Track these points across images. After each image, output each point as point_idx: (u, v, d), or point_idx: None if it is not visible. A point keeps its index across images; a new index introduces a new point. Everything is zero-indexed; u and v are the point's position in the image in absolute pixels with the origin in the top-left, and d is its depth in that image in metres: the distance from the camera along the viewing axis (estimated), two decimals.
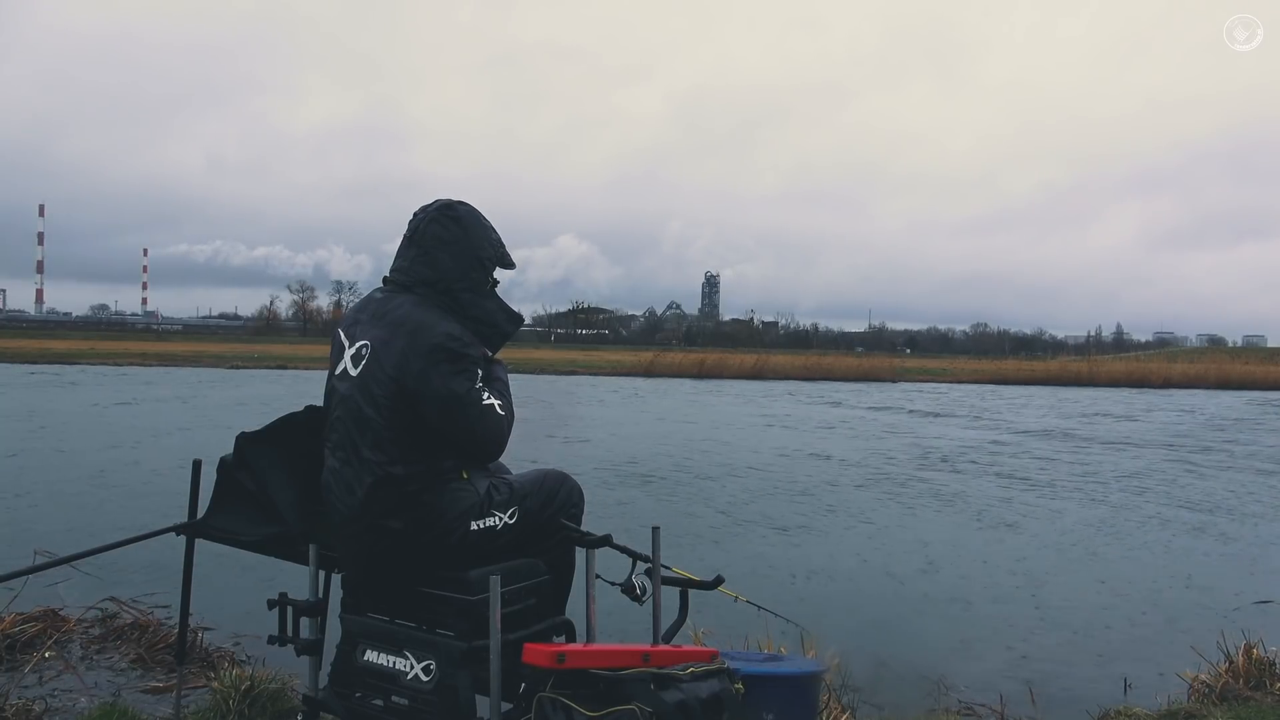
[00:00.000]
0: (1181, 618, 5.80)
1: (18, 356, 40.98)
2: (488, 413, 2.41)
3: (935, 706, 4.15)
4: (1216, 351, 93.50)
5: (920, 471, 12.32)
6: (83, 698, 3.72)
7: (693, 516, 8.60)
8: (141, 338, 79.47)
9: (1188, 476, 12.43)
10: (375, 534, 2.36)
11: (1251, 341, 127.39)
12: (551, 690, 2.15)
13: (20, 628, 4.25)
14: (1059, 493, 10.77)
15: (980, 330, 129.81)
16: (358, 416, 2.38)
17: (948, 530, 8.40)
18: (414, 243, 2.52)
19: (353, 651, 2.48)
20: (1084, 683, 4.61)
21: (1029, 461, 13.77)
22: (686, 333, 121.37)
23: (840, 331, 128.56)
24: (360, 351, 2.44)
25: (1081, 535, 8.32)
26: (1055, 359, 66.63)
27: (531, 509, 2.56)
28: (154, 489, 9.19)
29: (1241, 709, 3.90)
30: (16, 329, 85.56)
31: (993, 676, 4.64)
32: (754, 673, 2.77)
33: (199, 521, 2.87)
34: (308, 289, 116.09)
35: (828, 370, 46.81)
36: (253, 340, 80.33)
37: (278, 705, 3.47)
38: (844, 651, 4.21)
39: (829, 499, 9.87)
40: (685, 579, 3.00)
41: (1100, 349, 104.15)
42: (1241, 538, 8.42)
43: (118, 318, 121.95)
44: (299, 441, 2.66)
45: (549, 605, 2.57)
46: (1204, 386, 44.24)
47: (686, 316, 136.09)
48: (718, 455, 13.44)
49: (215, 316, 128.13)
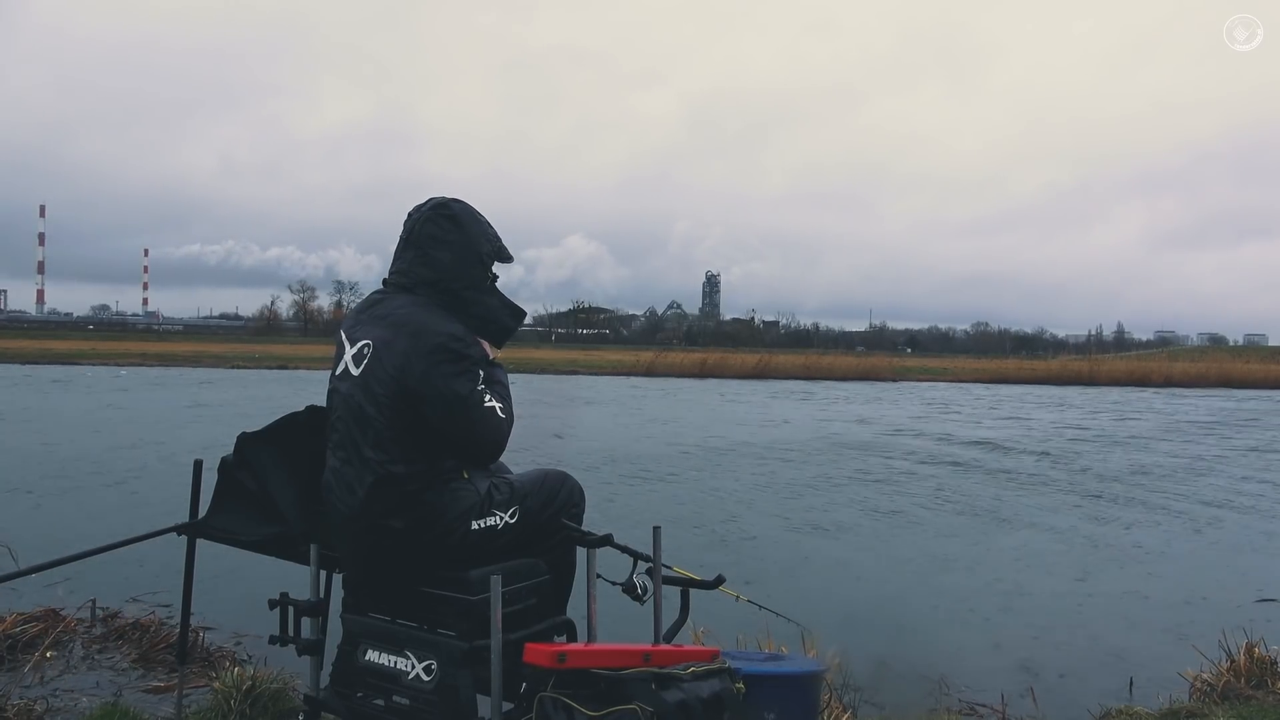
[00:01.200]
0: (1182, 616, 5.80)
1: (18, 357, 41.01)
2: (489, 415, 2.41)
3: (936, 706, 4.15)
4: (1218, 350, 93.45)
5: (920, 471, 12.32)
6: (84, 698, 3.72)
7: (694, 516, 8.59)
8: (142, 338, 79.52)
9: (1188, 475, 12.42)
10: (376, 533, 2.36)
11: (1253, 340, 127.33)
12: (552, 690, 2.15)
13: (21, 628, 4.25)
14: (1059, 491, 10.76)
15: (981, 329, 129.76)
16: (359, 416, 2.38)
17: (948, 529, 8.40)
18: (411, 244, 2.52)
19: (354, 651, 2.48)
20: (1085, 682, 4.61)
21: (1029, 460, 13.76)
22: (687, 332, 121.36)
23: (841, 331, 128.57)
24: (362, 351, 2.44)
25: (1082, 534, 8.31)
26: (1056, 358, 66.49)
27: (532, 508, 2.56)
28: (154, 489, 9.19)
29: (1243, 708, 3.89)
30: (17, 329, 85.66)
31: (994, 676, 4.63)
32: (755, 672, 2.77)
33: (200, 521, 2.87)
34: (308, 289, 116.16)
35: (828, 369, 46.79)
36: (253, 340, 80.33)
37: (279, 705, 3.47)
38: (845, 651, 4.20)
39: (830, 498, 9.86)
40: (686, 578, 3.00)
41: (1101, 348, 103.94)
42: (1243, 536, 8.41)
43: (118, 318, 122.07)
44: (300, 441, 2.66)
45: (550, 605, 2.57)
46: (1205, 385, 44.22)
47: (687, 316, 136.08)
48: (718, 454, 13.44)
49: (216, 317, 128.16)
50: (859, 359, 55.39)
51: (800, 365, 47.42)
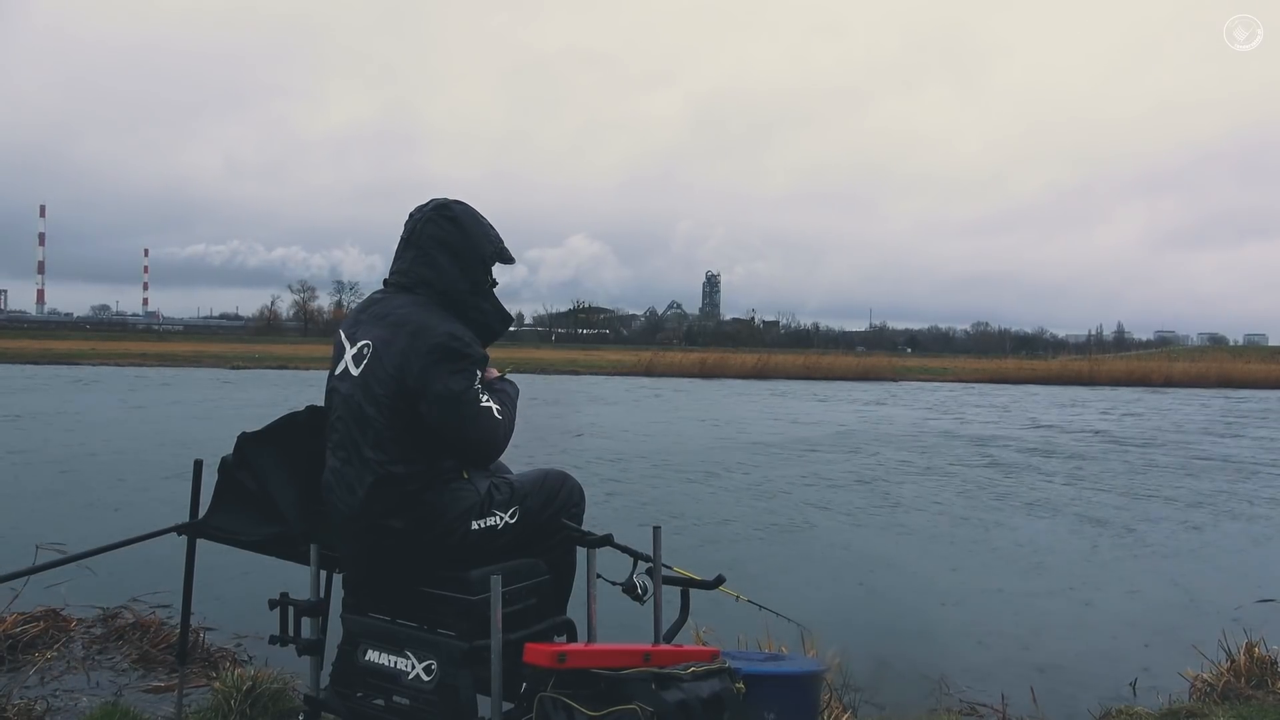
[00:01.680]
0: (1183, 616, 5.80)
1: (19, 357, 41.01)
2: (483, 415, 2.41)
3: (937, 706, 4.15)
4: (1218, 350, 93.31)
5: (919, 471, 12.32)
6: (84, 698, 3.72)
7: (694, 515, 8.60)
8: (142, 338, 79.58)
9: (1188, 474, 12.42)
10: (377, 533, 2.36)
11: (1253, 340, 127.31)
12: (553, 690, 2.15)
13: (22, 628, 4.25)
14: (1058, 491, 10.75)
15: (981, 329, 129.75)
16: (359, 416, 2.39)
17: (948, 529, 8.39)
18: (412, 244, 2.52)
19: (354, 651, 2.48)
20: (1085, 681, 4.61)
21: (1029, 459, 13.76)
22: (687, 332, 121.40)
23: (841, 331, 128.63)
24: (362, 351, 2.44)
25: (1081, 534, 8.31)
26: (1056, 358, 66.48)
27: (532, 508, 2.56)
28: (154, 488, 9.19)
29: (1243, 708, 3.89)
30: (17, 329, 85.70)
31: (994, 675, 4.64)
32: (755, 672, 2.77)
33: (200, 521, 2.87)
34: (309, 289, 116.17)
35: (828, 369, 46.80)
36: (254, 340, 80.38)
37: (279, 705, 3.47)
38: (845, 651, 4.20)
39: (830, 498, 9.86)
40: (686, 578, 3.00)
41: (1101, 348, 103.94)
42: (1243, 536, 8.41)
43: (119, 318, 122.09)
44: (300, 441, 2.66)
45: (550, 605, 2.57)
46: (1205, 385, 44.21)
47: (687, 316, 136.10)
48: (718, 454, 13.44)
49: (216, 317, 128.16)
50: (859, 359, 55.36)
51: (800, 365, 47.43)
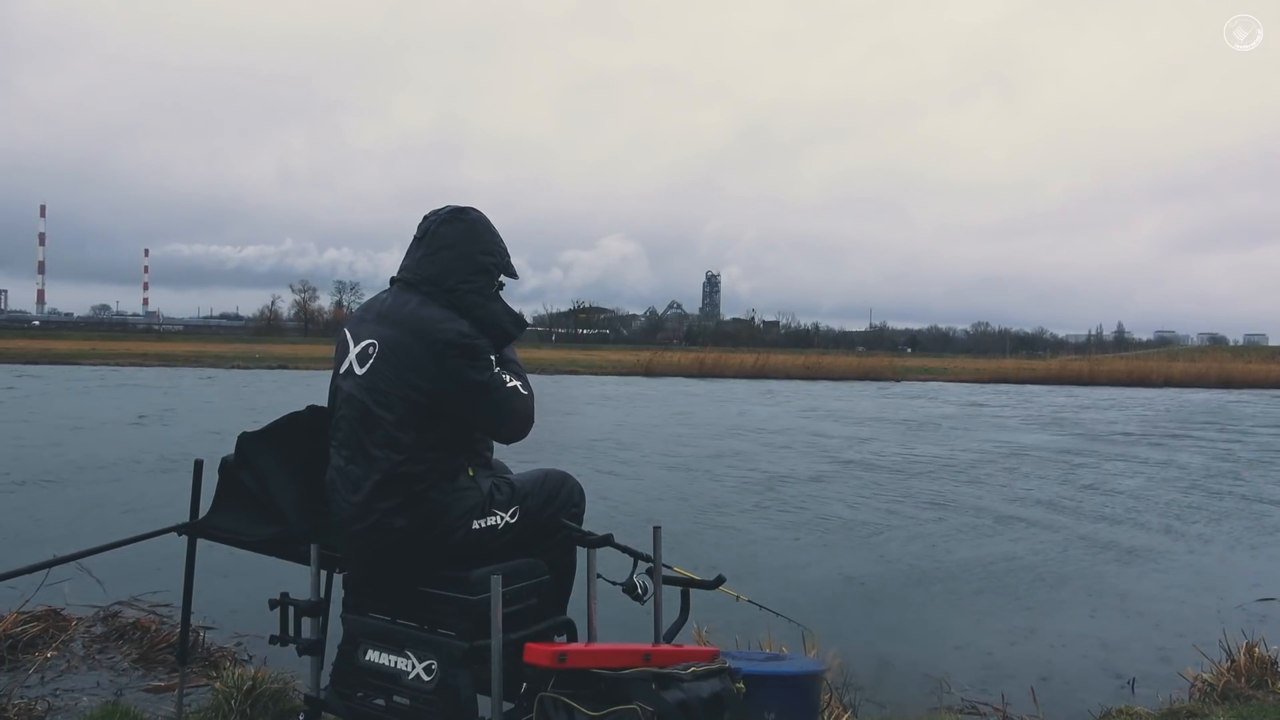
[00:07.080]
0: (1183, 616, 5.80)
1: (19, 357, 40.98)
2: (512, 394, 2.45)
3: (937, 705, 4.15)
4: (1218, 350, 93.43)
5: (918, 471, 12.32)
6: (84, 697, 3.72)
7: (694, 515, 8.60)
8: (143, 338, 79.56)
9: (1188, 473, 12.42)
10: (379, 532, 2.36)
11: (1253, 340, 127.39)
12: (553, 690, 2.15)
13: (22, 628, 4.25)
14: (1058, 491, 10.75)
15: (981, 329, 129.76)
16: (364, 415, 2.39)
17: (947, 529, 8.39)
18: (422, 242, 2.53)
19: (354, 651, 2.48)
20: (1085, 681, 4.61)
21: (1028, 460, 13.76)
22: (687, 332, 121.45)
23: (841, 331, 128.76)
24: (367, 350, 2.44)
25: (1082, 534, 8.31)
26: (1056, 358, 66.51)
27: (533, 508, 2.56)
28: (154, 488, 9.19)
29: (1243, 708, 3.89)
30: (17, 329, 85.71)
31: (995, 675, 4.64)
32: (755, 672, 2.77)
33: (200, 521, 2.86)
34: (309, 288, 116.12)
35: (828, 369, 46.83)
36: (254, 340, 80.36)
37: (279, 705, 3.47)
38: (845, 650, 4.21)
39: (831, 498, 9.86)
40: (686, 578, 3.00)
41: (1101, 348, 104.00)
42: (1243, 535, 8.41)
43: (119, 318, 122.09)
44: (301, 441, 2.65)
45: (550, 605, 2.57)
46: (1205, 385, 44.21)
47: (687, 316, 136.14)
48: (717, 453, 13.44)
49: (216, 317, 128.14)
50: (859, 359, 55.42)
51: (800, 365, 47.44)
